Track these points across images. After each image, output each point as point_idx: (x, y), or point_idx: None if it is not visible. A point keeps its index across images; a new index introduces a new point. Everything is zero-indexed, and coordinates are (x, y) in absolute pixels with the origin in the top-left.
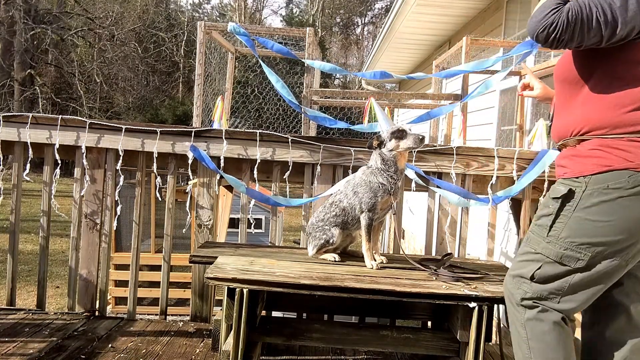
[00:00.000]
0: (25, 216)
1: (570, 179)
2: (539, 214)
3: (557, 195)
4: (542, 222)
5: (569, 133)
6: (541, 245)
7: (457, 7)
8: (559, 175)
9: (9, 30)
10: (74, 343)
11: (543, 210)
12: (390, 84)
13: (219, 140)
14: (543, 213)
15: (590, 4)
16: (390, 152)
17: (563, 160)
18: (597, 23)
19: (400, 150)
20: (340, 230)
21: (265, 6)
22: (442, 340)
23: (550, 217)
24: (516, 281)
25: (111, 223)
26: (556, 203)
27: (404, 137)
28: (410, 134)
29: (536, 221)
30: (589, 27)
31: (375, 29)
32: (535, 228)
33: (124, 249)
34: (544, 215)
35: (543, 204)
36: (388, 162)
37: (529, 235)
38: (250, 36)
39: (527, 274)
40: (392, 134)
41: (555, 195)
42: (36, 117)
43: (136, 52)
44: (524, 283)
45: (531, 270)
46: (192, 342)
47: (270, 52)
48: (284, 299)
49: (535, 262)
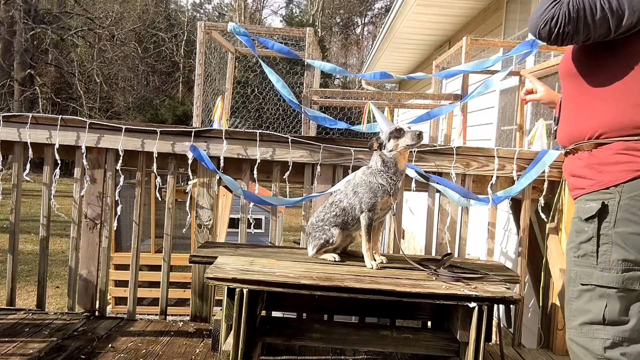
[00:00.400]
0: (25, 216)
1: (597, 191)
2: (576, 243)
3: (590, 215)
4: (585, 249)
5: (583, 136)
6: (595, 277)
7: (457, 7)
8: (579, 188)
9: (9, 30)
10: (74, 343)
11: (579, 237)
12: (390, 84)
13: (218, 140)
14: (581, 240)
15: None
16: (391, 153)
17: (582, 171)
18: (601, 12)
19: (400, 149)
20: (340, 230)
21: (265, 6)
22: (442, 340)
23: (592, 241)
24: (586, 331)
25: (111, 223)
26: (591, 224)
27: (401, 136)
28: (407, 131)
29: (575, 253)
30: (592, 16)
31: (375, 29)
32: (578, 261)
33: (124, 249)
34: (583, 242)
35: (574, 230)
36: (388, 163)
37: (575, 272)
38: (250, 36)
39: (597, 318)
40: (390, 134)
41: (587, 215)
42: (36, 117)
43: (136, 52)
44: (598, 330)
45: (599, 311)
46: (192, 342)
47: (270, 52)
48: (284, 299)
49: (598, 299)
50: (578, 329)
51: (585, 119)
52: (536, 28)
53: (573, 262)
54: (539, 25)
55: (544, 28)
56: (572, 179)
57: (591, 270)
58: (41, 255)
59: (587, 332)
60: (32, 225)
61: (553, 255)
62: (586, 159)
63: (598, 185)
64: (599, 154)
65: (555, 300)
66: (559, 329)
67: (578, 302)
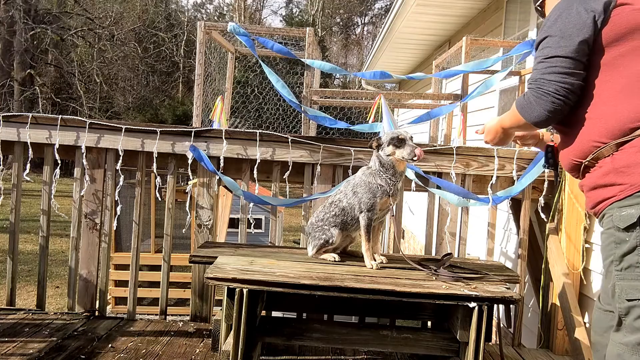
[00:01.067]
0: (25, 216)
1: (632, 196)
2: (618, 255)
3: (631, 222)
4: (630, 261)
5: (600, 141)
6: None
7: (457, 7)
8: (608, 198)
9: (9, 30)
10: (74, 343)
11: (619, 248)
12: (390, 84)
13: (218, 140)
14: (623, 251)
15: (539, 67)
16: (388, 157)
17: (607, 178)
18: (563, 72)
19: (396, 158)
20: (339, 230)
21: (265, 6)
22: (442, 340)
23: (637, 251)
24: None
25: (111, 223)
26: (633, 232)
27: (401, 146)
28: (408, 145)
29: (617, 266)
30: (564, 83)
31: (375, 29)
32: (622, 274)
33: (124, 249)
34: (626, 254)
35: (611, 242)
36: (386, 165)
37: (620, 287)
38: (250, 36)
39: None
40: (391, 140)
41: (626, 223)
42: (36, 117)
43: (136, 52)
44: None
45: None
46: (192, 342)
47: (270, 52)
48: (284, 299)
49: None
50: (632, 349)
51: (594, 126)
52: (544, 119)
53: (616, 276)
54: (542, 118)
55: (551, 118)
56: (595, 192)
57: (639, 283)
58: (41, 255)
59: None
60: (32, 225)
61: (553, 255)
62: (610, 164)
63: (632, 189)
64: (623, 156)
65: (555, 300)
66: (558, 328)
67: (629, 319)
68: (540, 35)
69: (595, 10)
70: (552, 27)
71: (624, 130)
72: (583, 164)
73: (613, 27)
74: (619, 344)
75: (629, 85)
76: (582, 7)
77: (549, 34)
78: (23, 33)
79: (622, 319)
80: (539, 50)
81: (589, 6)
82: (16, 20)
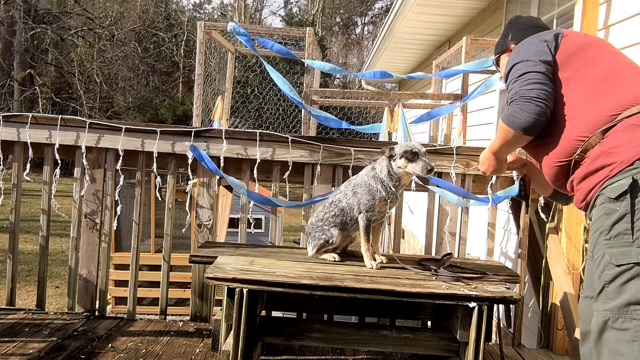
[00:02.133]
0: (25, 216)
1: (622, 171)
2: (607, 225)
3: (620, 192)
4: (618, 229)
5: (585, 136)
6: (633, 254)
7: (457, 7)
8: (601, 180)
9: (9, 30)
10: (74, 343)
11: (609, 218)
12: (390, 83)
13: (218, 140)
14: (612, 221)
15: (515, 86)
16: (398, 169)
17: (596, 163)
18: (535, 79)
19: (406, 172)
20: (339, 230)
21: (265, 6)
22: (442, 340)
23: (626, 218)
24: (629, 314)
25: (111, 223)
26: (623, 201)
27: (414, 161)
28: (420, 160)
29: (606, 235)
30: (540, 89)
31: (375, 29)
32: (611, 242)
33: (124, 249)
34: (615, 223)
35: (602, 214)
36: (393, 176)
37: (609, 254)
38: (250, 36)
39: (636, 297)
40: (405, 153)
41: (617, 193)
42: (36, 117)
43: (136, 52)
44: (636, 310)
45: (638, 290)
46: (192, 342)
47: (270, 52)
48: (284, 299)
49: (637, 277)
50: (617, 312)
51: (574, 126)
52: (532, 127)
53: (605, 245)
54: (530, 123)
55: (538, 122)
56: (586, 181)
57: (628, 249)
58: (41, 255)
59: (627, 314)
60: (32, 225)
61: (553, 255)
62: (599, 149)
63: (621, 165)
64: (610, 140)
65: (555, 300)
66: (558, 328)
67: (614, 283)
68: (507, 68)
69: (547, 40)
70: (516, 58)
71: (604, 119)
72: (572, 160)
73: (565, 50)
74: (603, 311)
75: (595, 87)
76: (537, 39)
77: (514, 62)
78: (23, 33)
79: (606, 286)
80: (509, 77)
81: (542, 38)
82: (16, 20)
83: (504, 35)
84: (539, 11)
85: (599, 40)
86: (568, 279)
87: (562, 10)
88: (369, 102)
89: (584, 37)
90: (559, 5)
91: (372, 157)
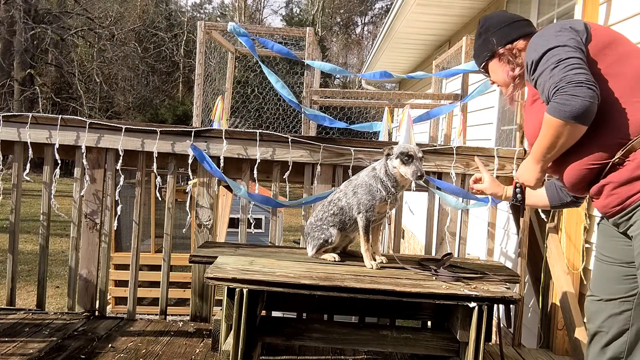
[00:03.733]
0: (25, 216)
1: None
2: None
3: None
4: None
5: (628, 138)
6: None
7: (457, 7)
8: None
9: (9, 30)
10: (74, 343)
11: None
12: (390, 83)
13: (218, 140)
14: None
15: (556, 72)
16: (393, 169)
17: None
18: (575, 69)
19: (399, 173)
20: (338, 230)
21: (266, 6)
22: (442, 340)
23: None
24: None
25: (111, 223)
26: None
27: (407, 164)
28: (413, 164)
29: None
30: (580, 75)
31: (375, 29)
32: None
33: (124, 249)
34: None
35: None
36: (390, 176)
37: None
38: (250, 36)
39: None
40: (401, 154)
41: None
42: (36, 117)
43: (136, 52)
44: None
45: None
46: (192, 342)
47: (270, 52)
48: (284, 299)
49: None
50: None
51: (613, 128)
52: (586, 112)
53: None
54: (586, 108)
55: (592, 106)
56: (628, 187)
57: None
58: (41, 255)
59: None
60: (32, 225)
61: (553, 255)
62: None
63: None
64: None
65: (555, 300)
66: (558, 328)
67: None
68: (533, 57)
69: (578, 30)
70: (546, 44)
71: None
72: (610, 163)
73: (597, 41)
74: None
75: (632, 86)
76: (562, 27)
77: (547, 48)
78: (23, 33)
79: None
80: (543, 64)
81: (572, 26)
82: (16, 20)
83: (485, 40)
84: (539, 11)
85: (622, 36)
86: (568, 278)
87: (562, 10)
88: (369, 102)
89: (610, 31)
90: (559, 5)
91: (372, 157)
